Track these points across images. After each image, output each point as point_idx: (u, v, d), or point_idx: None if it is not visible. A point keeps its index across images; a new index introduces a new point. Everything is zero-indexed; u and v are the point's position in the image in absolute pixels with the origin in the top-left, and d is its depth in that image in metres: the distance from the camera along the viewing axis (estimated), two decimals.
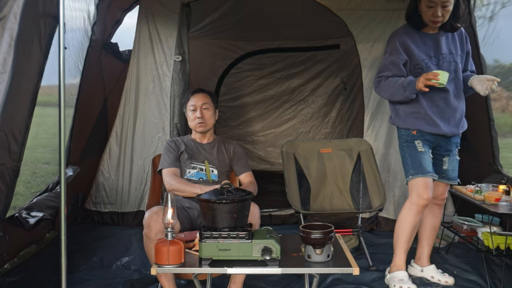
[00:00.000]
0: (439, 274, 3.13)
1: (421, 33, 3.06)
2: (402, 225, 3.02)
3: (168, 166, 3.00)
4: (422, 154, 2.99)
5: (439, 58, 3.04)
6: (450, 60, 3.06)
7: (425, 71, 2.96)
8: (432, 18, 2.96)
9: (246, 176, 3.12)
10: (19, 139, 2.71)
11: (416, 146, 3.01)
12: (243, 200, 2.15)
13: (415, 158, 2.99)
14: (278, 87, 6.83)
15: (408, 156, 3.02)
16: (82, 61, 4.19)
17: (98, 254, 3.53)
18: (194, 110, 3.10)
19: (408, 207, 3.01)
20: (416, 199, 2.97)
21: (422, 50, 3.03)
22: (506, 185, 3.24)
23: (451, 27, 3.07)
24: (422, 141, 3.01)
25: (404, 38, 3.03)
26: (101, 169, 4.39)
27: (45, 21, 2.73)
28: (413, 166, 2.99)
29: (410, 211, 3.00)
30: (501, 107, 5.68)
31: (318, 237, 2.08)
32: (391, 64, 3.01)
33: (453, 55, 3.07)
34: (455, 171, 3.15)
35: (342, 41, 6.18)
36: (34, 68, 2.75)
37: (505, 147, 3.89)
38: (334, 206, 3.68)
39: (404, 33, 3.06)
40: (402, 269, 3.02)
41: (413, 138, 3.02)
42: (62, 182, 2.52)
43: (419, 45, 3.04)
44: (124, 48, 4.91)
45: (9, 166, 2.67)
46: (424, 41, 3.05)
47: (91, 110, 4.48)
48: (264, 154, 6.90)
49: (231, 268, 2.07)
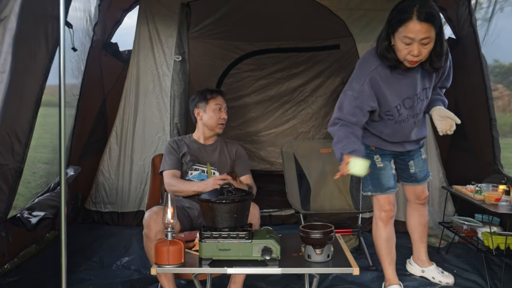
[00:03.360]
0: (440, 275, 3.12)
1: (395, 71, 2.61)
2: (377, 242, 2.96)
3: (169, 168, 2.99)
4: (381, 170, 2.84)
5: (414, 100, 2.68)
6: (423, 97, 2.72)
7: (395, 118, 2.70)
8: (408, 57, 2.47)
9: (247, 178, 3.12)
10: (23, 140, 2.71)
11: (375, 162, 2.83)
12: (243, 200, 2.15)
13: (374, 175, 2.82)
14: (278, 88, 6.83)
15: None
16: (84, 62, 4.20)
17: (98, 254, 3.54)
18: (219, 110, 3.10)
19: (375, 223, 2.95)
20: (379, 214, 2.90)
21: (396, 94, 2.64)
22: (506, 185, 3.23)
23: (432, 67, 2.59)
24: (381, 156, 2.85)
25: (377, 79, 2.58)
26: (101, 169, 4.39)
27: (52, 22, 2.74)
28: (372, 183, 2.86)
29: (378, 227, 2.93)
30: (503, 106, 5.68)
31: (318, 237, 2.09)
32: (358, 109, 2.57)
33: (426, 90, 2.72)
34: (423, 171, 3.01)
35: (342, 41, 6.18)
36: (40, 69, 2.77)
37: (506, 147, 3.88)
38: (334, 206, 3.68)
39: (377, 71, 2.58)
40: (394, 283, 2.94)
41: (371, 152, 2.83)
42: (62, 182, 2.53)
43: (393, 87, 2.62)
44: (124, 48, 4.92)
45: (12, 167, 2.67)
46: (399, 81, 2.63)
47: (90, 110, 4.48)
48: (264, 154, 6.90)
49: (231, 268, 2.07)
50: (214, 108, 3.09)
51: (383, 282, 3.09)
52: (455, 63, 2.84)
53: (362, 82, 2.56)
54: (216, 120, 3.09)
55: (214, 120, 3.09)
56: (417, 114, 2.76)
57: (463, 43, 4.02)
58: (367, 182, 2.89)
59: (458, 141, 4.31)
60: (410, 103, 2.68)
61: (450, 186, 3.68)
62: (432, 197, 4.15)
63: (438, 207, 4.07)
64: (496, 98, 4.37)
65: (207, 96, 3.12)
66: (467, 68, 3.92)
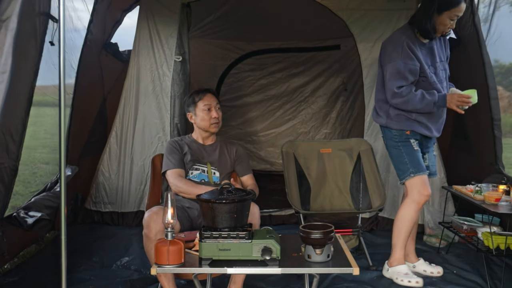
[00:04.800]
0: (430, 267, 3.24)
1: (419, 40, 3.05)
2: (404, 222, 3.10)
3: (173, 167, 2.97)
4: (418, 153, 3.08)
5: (436, 67, 3.07)
6: (442, 68, 3.11)
7: (428, 79, 3.01)
8: (447, 30, 2.98)
9: (248, 178, 3.12)
10: (17, 139, 2.71)
11: (412, 145, 3.07)
12: (243, 200, 2.15)
13: (414, 157, 3.06)
14: (279, 88, 6.83)
15: (405, 155, 3.06)
16: (76, 61, 4.17)
17: (98, 254, 3.54)
18: (209, 110, 3.07)
19: (409, 204, 3.09)
20: (417, 197, 3.07)
21: (423, 58, 3.03)
22: (506, 185, 3.23)
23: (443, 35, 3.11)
24: (415, 140, 3.09)
25: (410, 43, 2.98)
26: (101, 169, 4.39)
27: (40, 19, 2.74)
28: (413, 165, 3.05)
29: (411, 208, 3.09)
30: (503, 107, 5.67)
31: (318, 237, 2.08)
32: (409, 72, 2.96)
33: (443, 63, 3.12)
34: (434, 166, 3.30)
35: (343, 41, 6.18)
36: (30, 67, 2.76)
37: (506, 147, 3.88)
38: (334, 206, 3.68)
39: (408, 38, 3.00)
40: (403, 262, 3.13)
41: (407, 137, 3.07)
42: (62, 182, 2.53)
43: (421, 52, 3.03)
44: (124, 48, 4.91)
45: (7, 165, 2.67)
46: (421, 48, 3.05)
47: (90, 110, 4.48)
48: (264, 154, 6.90)
49: (231, 268, 2.07)
50: (203, 109, 3.07)
51: (383, 282, 3.10)
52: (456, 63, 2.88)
53: (401, 49, 2.95)
54: (207, 120, 3.06)
55: (205, 121, 3.07)
56: (442, 80, 3.10)
57: (464, 43, 4.02)
58: (407, 166, 3.05)
59: (458, 141, 4.31)
60: (433, 69, 3.05)
61: (450, 186, 3.68)
62: (432, 197, 4.14)
63: (438, 207, 4.08)
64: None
65: (195, 99, 3.11)
66: (469, 68, 3.92)
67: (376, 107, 3.22)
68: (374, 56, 4.27)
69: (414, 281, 3.01)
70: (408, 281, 3.02)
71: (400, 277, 3.06)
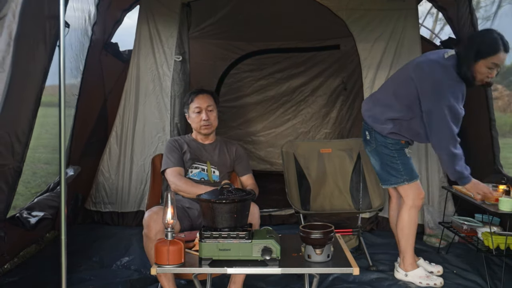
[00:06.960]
0: (431, 266, 3.28)
1: None
2: (411, 229, 3.14)
3: (172, 166, 2.97)
4: (410, 160, 3.15)
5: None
6: None
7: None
8: (486, 79, 2.87)
9: (248, 178, 3.12)
10: (23, 140, 2.71)
11: (406, 153, 3.12)
12: (243, 200, 2.15)
13: (408, 165, 3.11)
14: (278, 88, 6.83)
15: (400, 164, 3.09)
16: (83, 61, 4.20)
17: (98, 254, 3.54)
18: (199, 112, 3.06)
19: (409, 210, 3.13)
20: (416, 201, 3.13)
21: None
22: (506, 185, 3.23)
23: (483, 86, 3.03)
24: (407, 148, 3.14)
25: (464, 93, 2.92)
26: (101, 169, 4.39)
27: (50, 22, 2.74)
28: (407, 172, 3.10)
29: (412, 213, 3.14)
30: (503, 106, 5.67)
31: (318, 237, 2.08)
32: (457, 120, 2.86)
33: None
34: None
35: (342, 41, 6.18)
36: (38, 69, 2.77)
37: (505, 147, 3.89)
38: (334, 206, 3.68)
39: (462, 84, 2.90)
40: (416, 266, 3.17)
41: (402, 146, 3.11)
42: (62, 182, 2.53)
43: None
44: (124, 48, 4.92)
45: (12, 166, 2.67)
46: None
47: (90, 110, 4.48)
48: (264, 154, 6.90)
49: (231, 268, 2.07)
50: (194, 111, 3.07)
51: (383, 282, 3.10)
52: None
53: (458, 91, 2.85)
54: (197, 122, 3.06)
55: (195, 123, 3.08)
56: None
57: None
58: (401, 173, 3.08)
59: None
60: None
61: (450, 186, 3.68)
62: (432, 197, 4.15)
63: (438, 207, 4.08)
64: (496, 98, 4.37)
65: (188, 100, 3.13)
66: None
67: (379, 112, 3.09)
68: (373, 56, 4.27)
69: (438, 282, 3.08)
70: (433, 284, 3.07)
71: (420, 280, 3.08)
